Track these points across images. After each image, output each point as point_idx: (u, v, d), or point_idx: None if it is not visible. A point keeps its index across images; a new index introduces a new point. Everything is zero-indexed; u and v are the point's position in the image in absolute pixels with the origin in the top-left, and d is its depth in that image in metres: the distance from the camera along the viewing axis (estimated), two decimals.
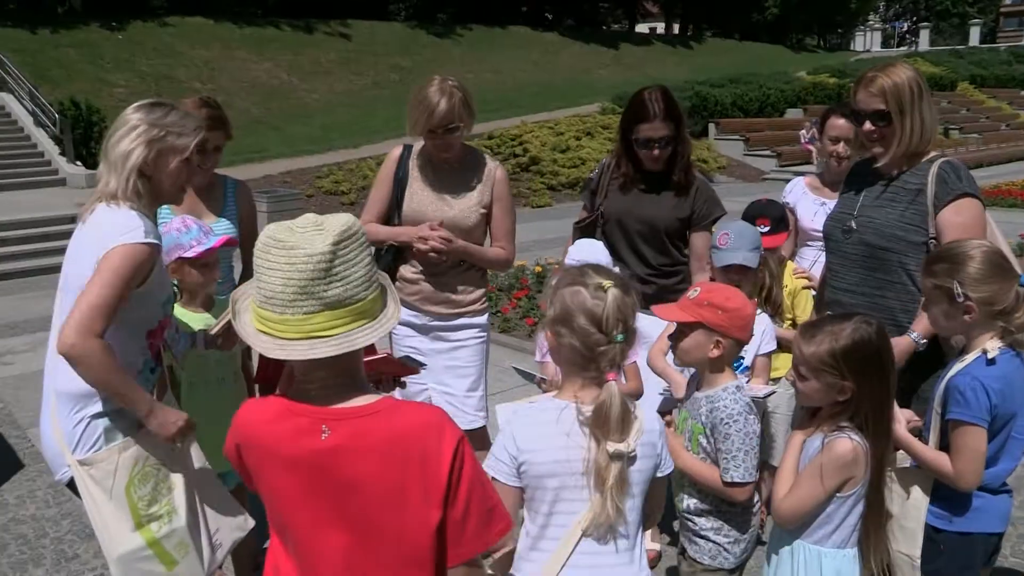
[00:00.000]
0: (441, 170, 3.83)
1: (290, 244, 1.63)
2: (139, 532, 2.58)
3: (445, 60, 31.25)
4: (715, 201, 3.95)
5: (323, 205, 15.98)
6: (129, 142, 2.59)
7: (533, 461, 2.09)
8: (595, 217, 3.99)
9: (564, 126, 21.95)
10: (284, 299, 1.62)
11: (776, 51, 46.96)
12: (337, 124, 23.36)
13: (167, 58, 25.55)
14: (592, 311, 2.05)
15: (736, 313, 2.61)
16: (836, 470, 2.41)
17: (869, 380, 2.42)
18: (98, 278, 2.43)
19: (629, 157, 3.91)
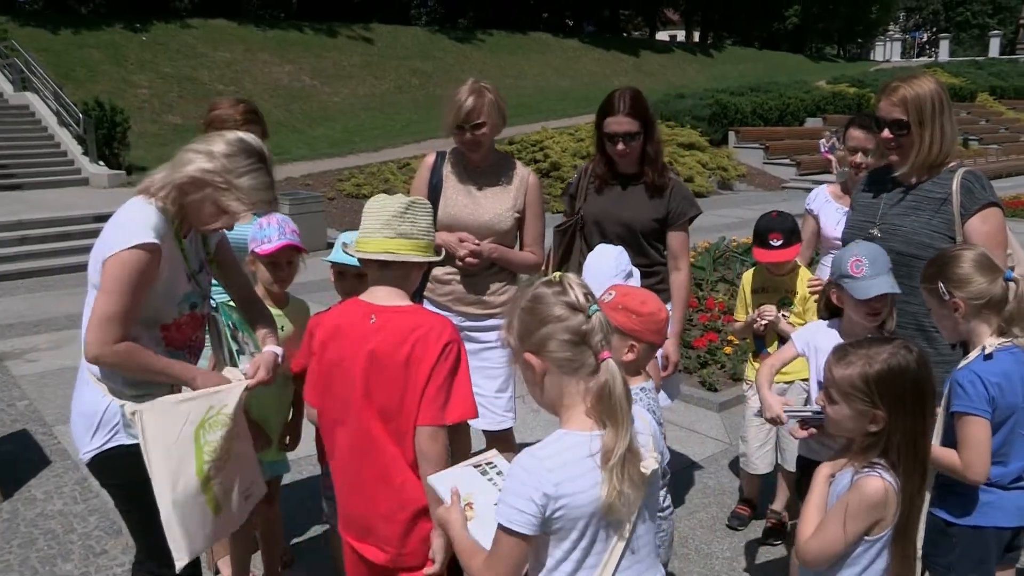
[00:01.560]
0: (475, 175, 3.90)
1: (386, 199, 2.52)
2: (197, 476, 2.61)
3: (466, 65, 31.31)
4: (690, 201, 4.05)
5: (344, 208, 16.02)
6: (195, 162, 2.62)
7: (572, 504, 1.88)
8: (574, 221, 4.07)
9: (584, 132, 21.89)
10: (376, 227, 2.47)
11: (796, 60, 46.87)
12: (359, 127, 23.44)
13: (190, 59, 25.69)
14: (557, 298, 1.93)
15: (650, 318, 2.59)
16: (865, 511, 2.25)
17: (904, 411, 2.25)
18: (104, 289, 2.51)
19: (604, 158, 4.02)
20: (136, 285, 2.52)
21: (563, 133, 21.57)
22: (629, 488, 1.87)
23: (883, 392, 2.24)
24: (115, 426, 2.65)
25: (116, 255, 2.50)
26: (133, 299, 2.53)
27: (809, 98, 29.79)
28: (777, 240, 3.94)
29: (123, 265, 2.50)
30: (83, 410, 2.70)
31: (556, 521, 1.88)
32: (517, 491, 1.87)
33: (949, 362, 3.12)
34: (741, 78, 34.69)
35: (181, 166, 2.63)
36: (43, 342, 8.10)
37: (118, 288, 2.50)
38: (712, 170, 22.14)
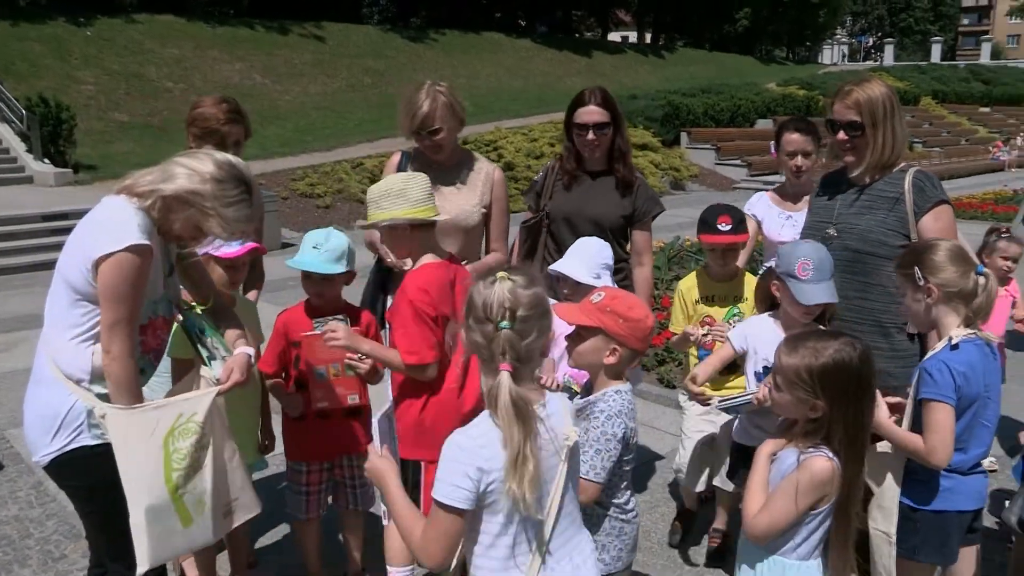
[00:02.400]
0: (440, 173, 3.91)
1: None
2: (166, 485, 2.59)
3: (419, 64, 31.23)
4: (655, 199, 4.17)
5: (298, 208, 15.91)
6: (184, 178, 2.59)
7: (501, 478, 2.02)
8: (540, 217, 4.14)
9: (538, 132, 22.07)
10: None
11: (746, 62, 47.48)
12: (310, 126, 23.25)
13: (137, 56, 25.21)
14: (481, 300, 2.09)
15: (637, 324, 2.59)
16: (812, 488, 2.43)
17: (846, 403, 2.44)
18: (107, 297, 2.49)
19: (574, 153, 4.09)
20: (137, 288, 2.53)
21: (517, 133, 21.69)
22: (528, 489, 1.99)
23: (825, 384, 2.42)
24: (79, 426, 2.58)
25: (113, 258, 2.47)
26: (136, 303, 2.54)
27: (760, 100, 30.27)
28: (726, 224, 3.79)
29: (121, 268, 2.48)
30: (42, 411, 2.63)
31: (490, 495, 2.03)
32: (452, 468, 2.02)
33: (904, 356, 3.29)
34: (692, 79, 35.06)
35: (171, 179, 2.59)
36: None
37: (121, 294, 2.49)
38: (665, 170, 22.39)
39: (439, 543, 2.05)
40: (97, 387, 2.60)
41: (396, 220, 3.03)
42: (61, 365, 2.59)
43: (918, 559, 2.87)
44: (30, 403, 2.68)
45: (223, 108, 3.71)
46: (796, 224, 4.17)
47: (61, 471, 2.67)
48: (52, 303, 2.62)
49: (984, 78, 44.37)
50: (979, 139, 34.56)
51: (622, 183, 4.03)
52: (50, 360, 2.60)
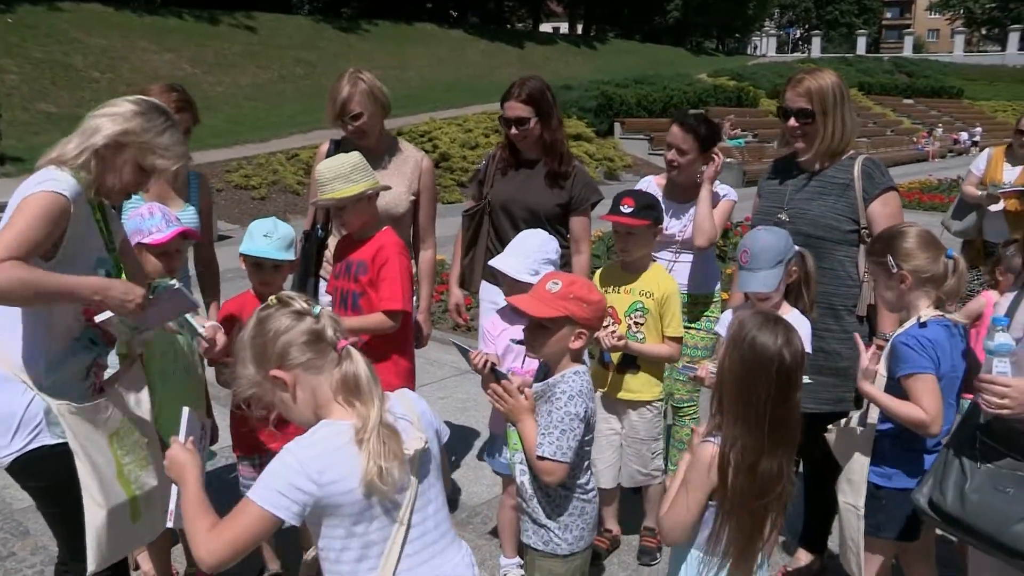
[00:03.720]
0: (370, 158, 3.92)
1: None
2: (119, 480, 2.61)
3: (350, 55, 30.91)
4: (592, 187, 4.19)
5: (233, 200, 15.72)
6: (108, 124, 2.55)
7: (338, 491, 1.94)
8: (483, 205, 4.20)
9: (473, 123, 22.06)
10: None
11: (677, 53, 48.05)
12: (243, 117, 22.90)
13: (63, 45, 24.50)
14: (284, 311, 2.04)
15: (597, 306, 2.66)
16: (700, 477, 2.37)
17: (732, 366, 2.36)
18: (8, 221, 2.37)
19: (508, 142, 4.17)
20: (41, 220, 2.36)
21: (451, 124, 21.66)
22: (390, 463, 1.94)
23: (729, 346, 2.41)
24: (37, 425, 2.52)
25: (34, 195, 2.39)
26: (34, 233, 2.34)
27: (692, 90, 30.69)
28: (628, 206, 3.60)
29: (30, 203, 2.37)
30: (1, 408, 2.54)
31: (326, 509, 1.95)
32: (282, 477, 1.91)
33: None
34: (625, 70, 35.32)
35: (96, 131, 2.54)
36: None
37: (21, 220, 2.34)
38: (599, 160, 22.58)
39: (234, 538, 1.92)
40: (52, 374, 2.54)
41: (369, 190, 3.39)
42: (10, 357, 2.51)
43: (883, 536, 2.96)
44: None
45: (172, 97, 3.70)
46: (681, 218, 4.24)
47: (22, 472, 2.60)
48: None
49: (907, 70, 45.79)
50: (904, 130, 35.58)
51: (552, 174, 4.08)
52: (2, 356, 2.52)
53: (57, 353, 2.56)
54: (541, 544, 2.72)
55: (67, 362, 2.59)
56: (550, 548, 2.71)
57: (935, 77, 45.09)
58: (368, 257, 3.49)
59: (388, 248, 3.48)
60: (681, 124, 4.12)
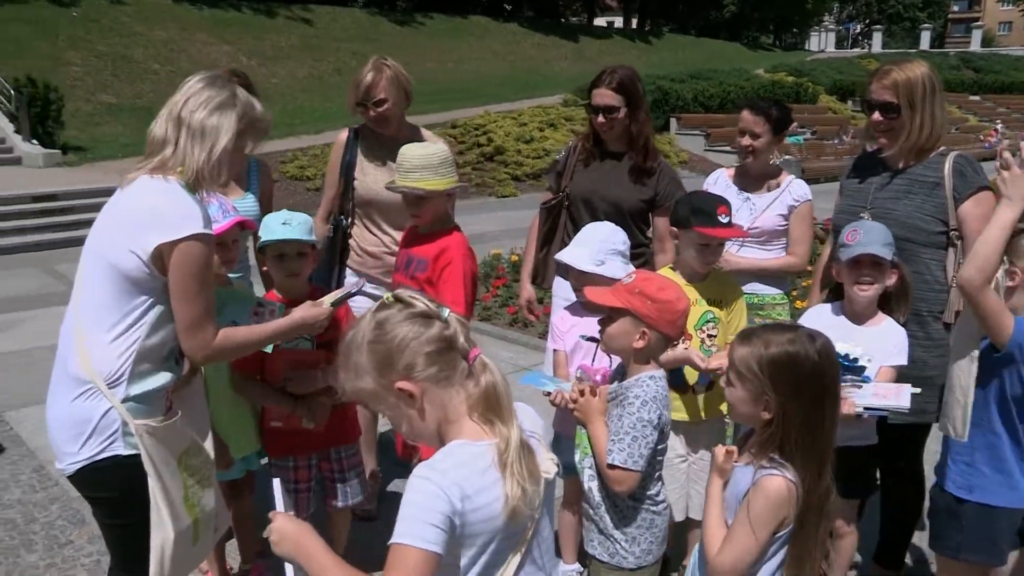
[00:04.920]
0: (388, 148, 3.91)
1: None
2: (185, 506, 2.51)
3: (406, 48, 31.02)
4: (678, 183, 4.02)
5: (288, 190, 15.80)
6: (224, 120, 2.46)
7: (479, 518, 1.69)
8: (561, 198, 4.07)
9: (527, 117, 21.94)
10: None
11: (733, 48, 47.45)
12: (298, 110, 23.09)
13: (124, 38, 24.98)
14: (408, 313, 1.77)
15: (666, 306, 2.49)
16: (771, 513, 2.15)
17: (800, 401, 2.14)
18: (183, 292, 2.35)
19: (593, 132, 4.02)
20: (208, 272, 2.41)
21: (506, 117, 21.53)
22: (530, 484, 1.74)
23: (776, 378, 2.15)
24: (113, 434, 2.38)
25: (181, 248, 2.32)
26: (210, 290, 2.43)
27: (749, 86, 30.16)
28: (725, 215, 3.27)
29: (192, 260, 2.34)
30: (70, 415, 2.39)
31: (465, 540, 1.70)
32: (424, 506, 1.64)
33: (940, 344, 3.22)
34: (680, 65, 34.97)
35: (217, 133, 2.43)
36: None
37: (195, 288, 2.36)
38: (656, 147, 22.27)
39: None
40: (135, 388, 2.40)
41: (454, 188, 3.37)
42: (96, 364, 2.36)
43: (963, 558, 2.74)
44: (56, 407, 2.45)
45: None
46: (754, 207, 4.09)
47: (89, 481, 2.46)
48: (89, 294, 2.40)
49: (974, 66, 44.37)
50: (969, 127, 34.62)
51: (637, 169, 3.94)
52: (82, 358, 2.37)
53: (145, 369, 2.43)
54: (607, 556, 2.61)
55: (151, 380, 2.45)
56: (616, 560, 2.59)
57: (1005, 72, 43.56)
58: (430, 255, 3.40)
59: (453, 249, 3.38)
60: (752, 108, 4.03)
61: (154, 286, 2.38)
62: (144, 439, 2.39)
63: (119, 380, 2.37)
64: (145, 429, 2.39)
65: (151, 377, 2.44)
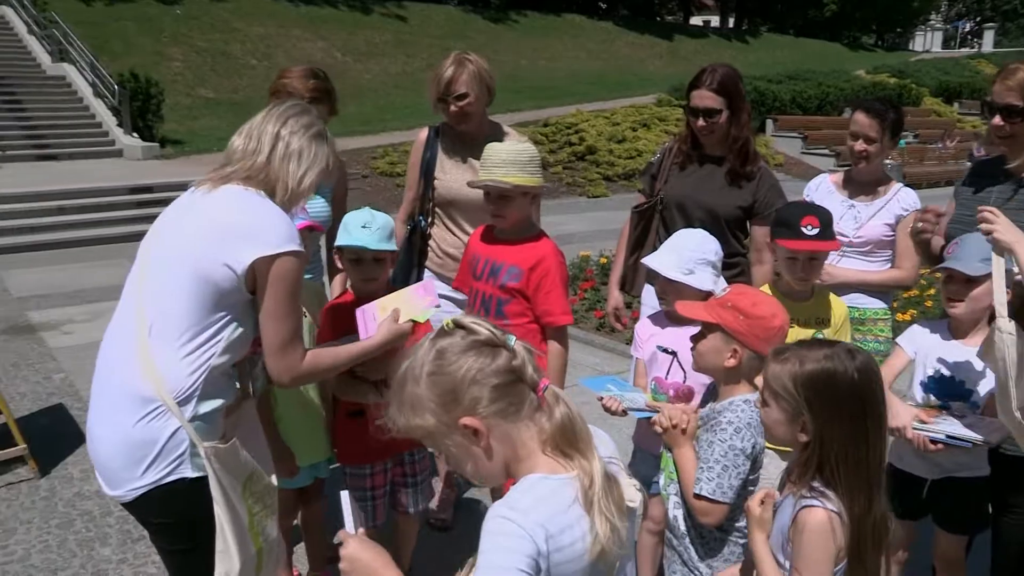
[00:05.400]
0: (469, 146, 3.80)
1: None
2: (250, 534, 2.35)
3: (499, 45, 31.01)
4: (778, 191, 3.77)
5: (378, 186, 15.89)
6: (321, 150, 2.43)
7: (565, 559, 1.51)
8: (654, 202, 3.85)
9: (620, 116, 21.68)
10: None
11: (832, 49, 46.16)
12: (390, 105, 23.26)
13: (224, 34, 25.57)
14: (472, 341, 1.58)
15: (760, 322, 2.34)
16: (821, 552, 1.93)
17: (840, 421, 1.96)
18: (275, 312, 2.24)
19: (690, 135, 3.80)
20: (298, 290, 2.31)
21: (598, 116, 21.31)
22: (619, 519, 1.57)
23: (812, 396, 1.97)
24: (180, 455, 2.20)
25: (278, 265, 2.22)
26: (300, 311, 2.34)
27: (848, 87, 29.33)
28: (812, 227, 3.05)
29: (288, 277, 2.24)
30: (133, 438, 2.19)
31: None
32: (506, 549, 1.47)
33: None
34: (777, 66, 34.15)
35: (315, 159, 2.40)
36: (79, 314, 8.00)
37: (288, 308, 2.26)
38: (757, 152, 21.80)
39: None
40: (204, 407, 2.23)
41: (540, 186, 3.19)
42: (166, 379, 2.18)
43: None
44: (112, 428, 2.23)
45: (309, 85, 3.53)
46: (859, 215, 3.82)
47: (151, 507, 2.26)
48: (168, 302, 2.22)
49: None
50: None
51: (735, 173, 3.71)
52: (149, 373, 2.18)
53: (213, 388, 2.27)
54: None
55: (218, 397, 2.29)
56: None
57: None
58: (525, 265, 3.21)
59: (550, 258, 3.23)
60: (867, 110, 3.73)
61: (237, 301, 2.25)
62: (212, 461, 2.23)
63: (189, 398, 2.20)
64: (213, 451, 2.23)
65: (217, 397, 2.29)
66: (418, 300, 2.80)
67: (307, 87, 3.51)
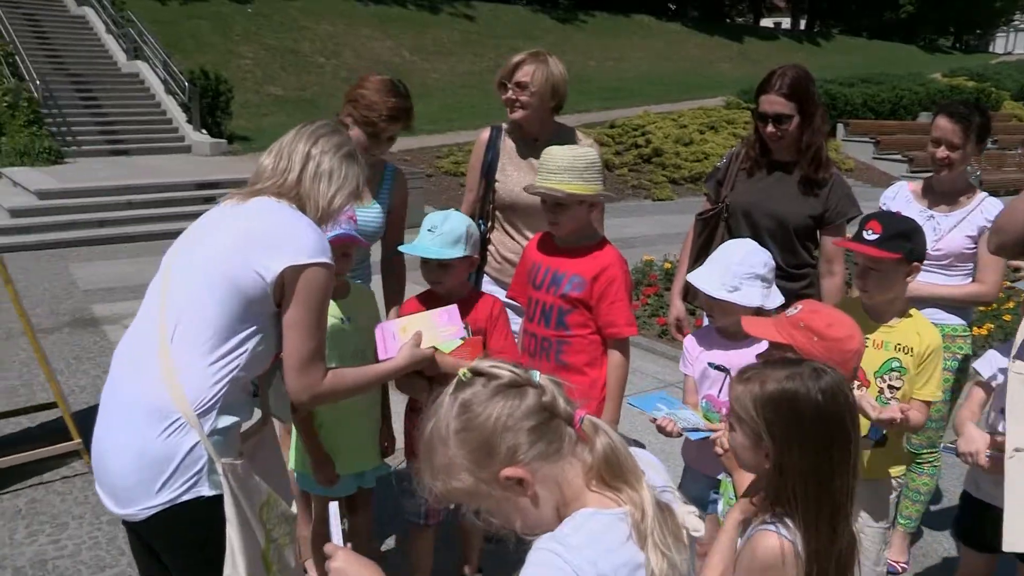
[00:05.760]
0: (532, 148, 3.66)
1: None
2: (263, 561, 2.22)
3: (566, 45, 30.84)
4: (851, 199, 3.55)
5: (442, 185, 15.86)
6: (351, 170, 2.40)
7: None
8: (719, 209, 3.67)
9: (688, 119, 21.34)
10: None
11: (907, 51, 45.01)
12: (457, 104, 23.25)
13: (292, 32, 25.85)
14: (494, 387, 1.45)
15: (835, 344, 2.20)
16: (758, 574, 1.84)
17: (800, 447, 1.79)
18: (301, 318, 2.17)
19: (758, 140, 3.60)
20: (326, 305, 2.25)
21: (666, 119, 21.01)
22: (677, 552, 1.44)
23: (771, 419, 1.81)
24: (197, 472, 2.09)
25: (307, 275, 2.15)
26: (325, 328, 2.26)
27: (924, 91, 28.46)
28: (874, 232, 2.79)
29: (317, 289, 2.18)
30: (152, 453, 2.07)
31: None
32: None
33: None
34: (850, 69, 33.36)
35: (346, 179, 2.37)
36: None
37: (313, 321, 2.19)
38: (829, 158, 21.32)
39: None
40: (223, 420, 2.13)
41: (599, 197, 3.06)
42: (187, 389, 2.08)
43: None
44: (123, 440, 2.12)
45: (388, 104, 3.34)
46: (938, 227, 3.62)
47: (165, 527, 2.14)
48: (194, 309, 2.14)
49: None
50: None
51: (806, 181, 3.51)
52: (168, 381, 2.09)
53: (234, 401, 2.17)
54: None
55: (236, 414, 2.19)
56: None
57: None
58: (588, 274, 3.07)
59: (614, 267, 3.09)
60: (951, 114, 3.54)
61: (263, 313, 2.17)
62: (230, 479, 2.11)
63: (210, 410, 2.10)
64: (231, 468, 2.11)
65: (236, 413, 2.18)
66: (442, 327, 2.72)
67: (387, 106, 3.34)
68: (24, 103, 15.52)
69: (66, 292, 8.74)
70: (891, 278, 2.81)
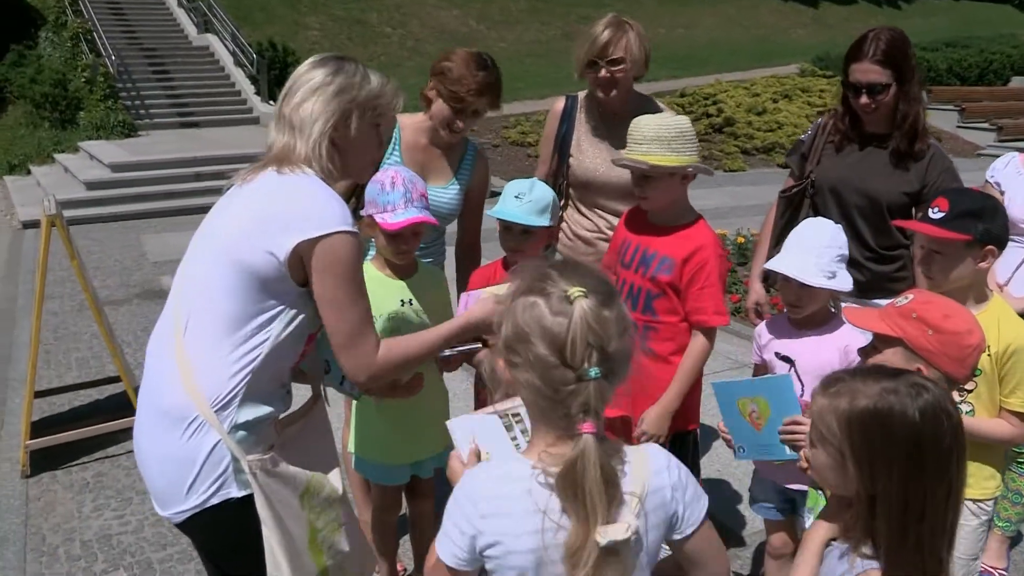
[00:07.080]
0: (612, 124, 3.42)
1: None
2: (311, 552, 2.13)
3: (636, 12, 30.04)
4: (952, 174, 3.24)
5: (509, 156, 15.70)
6: (315, 104, 2.14)
7: (506, 548, 1.48)
8: (804, 185, 3.41)
9: (760, 87, 20.73)
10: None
11: (998, 11, 43.08)
12: (523, 74, 22.98)
13: (360, 2, 25.84)
14: (551, 331, 1.43)
15: (952, 339, 1.95)
16: None
17: (894, 475, 1.55)
18: (332, 294, 2.01)
19: (847, 111, 3.31)
20: (362, 278, 2.08)
21: (737, 87, 20.45)
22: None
23: (858, 441, 1.59)
24: (223, 474, 2.01)
25: (323, 247, 1.98)
26: (366, 297, 2.09)
27: (1017, 54, 27.13)
28: (940, 210, 2.48)
29: (339, 260, 2.00)
30: (171, 452, 2.01)
31: (488, 560, 1.52)
32: (450, 513, 1.57)
33: None
34: (934, 32, 32.10)
35: (314, 120, 2.13)
36: None
37: (348, 294, 2.02)
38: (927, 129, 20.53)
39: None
40: (246, 413, 2.02)
41: (690, 167, 2.82)
42: (203, 385, 1.99)
43: None
44: (149, 441, 2.08)
45: (477, 79, 3.14)
46: None
47: (200, 529, 2.09)
48: (205, 298, 2.04)
49: None
50: None
51: (900, 154, 3.22)
52: (184, 378, 2.00)
53: (260, 391, 2.06)
54: None
55: (265, 404, 2.08)
56: None
57: None
58: (679, 256, 2.87)
59: (707, 248, 2.87)
60: None
61: (284, 291, 2.03)
62: (259, 477, 2.01)
63: (229, 403, 1.99)
64: (259, 465, 2.01)
65: (264, 404, 2.07)
66: None
67: (475, 81, 3.14)
68: (101, 78, 15.80)
69: (136, 264, 8.84)
70: (954, 263, 2.49)
